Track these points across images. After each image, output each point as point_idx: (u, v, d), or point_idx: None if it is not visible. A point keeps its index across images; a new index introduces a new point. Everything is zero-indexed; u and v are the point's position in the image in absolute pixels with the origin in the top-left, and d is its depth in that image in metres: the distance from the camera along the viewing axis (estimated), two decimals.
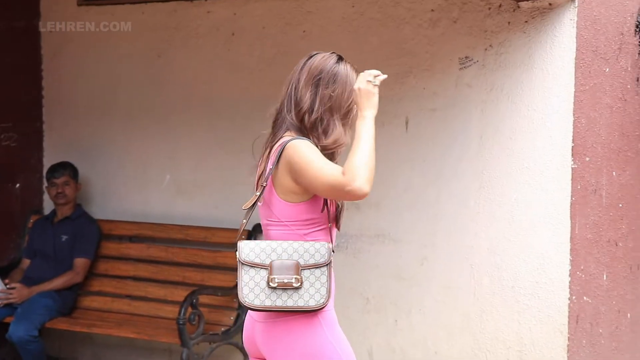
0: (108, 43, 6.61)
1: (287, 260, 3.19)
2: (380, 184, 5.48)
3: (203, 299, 5.73)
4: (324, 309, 3.26)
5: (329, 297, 3.23)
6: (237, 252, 3.28)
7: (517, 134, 5.08)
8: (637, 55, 5.34)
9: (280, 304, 3.18)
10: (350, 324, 5.64)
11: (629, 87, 5.28)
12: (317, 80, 3.39)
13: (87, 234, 6.39)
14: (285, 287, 3.17)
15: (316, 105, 3.32)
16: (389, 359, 5.60)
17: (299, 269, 3.18)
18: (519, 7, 5.00)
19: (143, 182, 6.54)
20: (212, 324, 5.81)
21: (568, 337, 4.96)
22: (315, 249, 3.21)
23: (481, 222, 5.21)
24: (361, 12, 5.58)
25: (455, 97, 5.27)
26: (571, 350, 4.95)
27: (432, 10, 5.32)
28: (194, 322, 5.57)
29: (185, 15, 6.26)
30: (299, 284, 3.17)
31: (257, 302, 3.19)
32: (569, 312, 4.95)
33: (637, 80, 5.36)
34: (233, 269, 5.80)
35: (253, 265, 3.24)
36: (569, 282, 4.91)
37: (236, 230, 5.80)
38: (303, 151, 3.19)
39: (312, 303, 3.20)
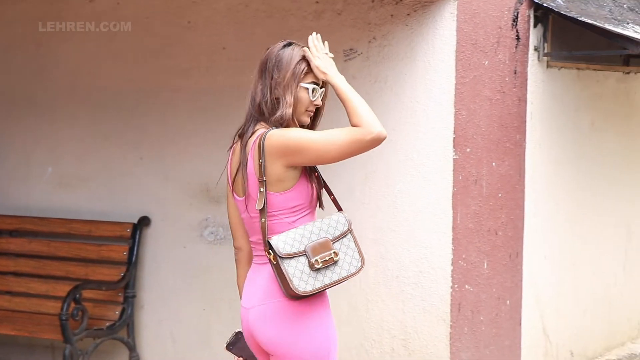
0: None
1: (317, 240, 3.27)
2: None
3: (87, 293, 5.67)
4: (321, 298, 3.34)
5: (363, 258, 3.34)
6: (270, 250, 3.26)
7: (400, 126, 5.13)
8: (514, 48, 5.42)
9: (329, 282, 3.28)
10: (237, 316, 5.29)
11: (507, 79, 5.36)
12: (264, 70, 3.44)
13: None
14: (327, 265, 3.25)
15: (267, 94, 3.37)
16: None
17: (330, 244, 3.28)
18: (401, 0, 5.04)
19: (24, 175, 6.41)
20: (97, 319, 5.77)
21: (450, 325, 5.04)
22: (336, 221, 3.32)
23: (366, 212, 5.24)
24: (246, 3, 5.56)
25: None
26: (453, 338, 5.04)
27: (317, 2, 5.33)
28: (77, 318, 5.49)
29: (67, 5, 6.13)
30: (337, 257, 3.27)
31: (309, 288, 3.25)
32: (451, 300, 5.03)
33: (515, 73, 5.44)
34: (118, 263, 5.90)
35: (292, 256, 3.26)
36: (451, 271, 5.00)
37: (120, 223, 5.88)
38: (292, 132, 3.28)
39: (352, 270, 3.32)
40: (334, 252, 3.28)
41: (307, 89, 3.36)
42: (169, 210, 5.92)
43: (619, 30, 5.56)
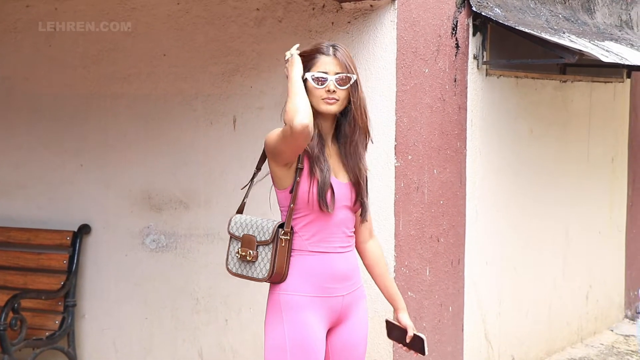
0: None
1: (251, 234, 3.40)
2: (210, 183, 5.53)
3: (26, 303, 5.57)
4: (287, 291, 3.37)
5: (271, 274, 3.34)
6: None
7: None
8: (454, 56, 5.43)
9: (245, 274, 3.41)
10: (180, 324, 5.67)
11: (447, 87, 5.37)
12: None
13: None
14: (244, 259, 3.39)
15: None
16: (219, 359, 5.55)
17: (254, 244, 3.37)
18: (341, 7, 5.01)
19: None
20: (36, 329, 5.67)
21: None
22: (267, 227, 3.37)
23: None
24: (187, 9, 5.51)
25: (281, 95, 5.07)
26: (397, 345, 5.01)
27: (258, 9, 5.29)
28: (15, 328, 5.38)
29: (2, 9, 6.02)
30: (251, 258, 3.37)
31: (233, 270, 3.46)
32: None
33: (455, 80, 5.45)
34: (58, 272, 5.83)
35: (233, 237, 3.47)
36: (394, 278, 4.96)
37: (60, 231, 5.81)
38: (269, 133, 3.38)
39: (259, 276, 3.37)
40: (251, 253, 3.37)
41: (308, 79, 3.35)
42: (110, 218, 5.85)
43: (555, 39, 5.61)
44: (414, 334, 3.62)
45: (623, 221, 7.74)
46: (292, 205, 3.34)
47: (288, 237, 3.33)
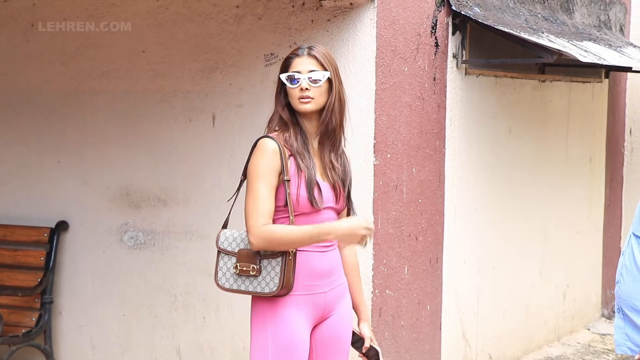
0: None
1: (250, 249, 3.32)
2: (189, 180, 5.48)
3: (2, 299, 5.55)
4: (268, 301, 3.34)
5: (281, 287, 3.27)
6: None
7: None
8: (433, 55, 5.41)
9: (244, 289, 3.32)
10: (158, 322, 5.62)
11: (426, 86, 5.35)
12: None
13: None
14: (245, 274, 3.30)
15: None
16: (197, 357, 5.52)
17: (257, 258, 3.29)
18: (321, 5, 4.98)
19: None
20: (12, 326, 5.61)
21: (371, 330, 4.98)
22: None
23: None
24: (166, 6, 5.45)
25: (261, 93, 5.19)
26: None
27: (237, 6, 5.25)
28: None
29: None
30: (255, 272, 3.28)
31: (227, 285, 3.36)
32: (372, 305, 4.96)
33: (434, 79, 5.43)
34: (34, 268, 5.78)
35: (225, 253, 3.39)
36: (372, 277, 4.95)
37: (37, 227, 5.77)
38: (252, 158, 3.40)
39: (266, 290, 3.29)
40: (254, 267, 3.28)
41: (284, 81, 3.40)
42: (88, 215, 5.79)
43: (534, 39, 5.60)
44: (371, 346, 3.63)
45: (600, 221, 7.74)
46: (291, 217, 3.32)
47: (294, 251, 3.29)
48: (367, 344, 3.62)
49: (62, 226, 5.80)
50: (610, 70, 7.28)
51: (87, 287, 5.81)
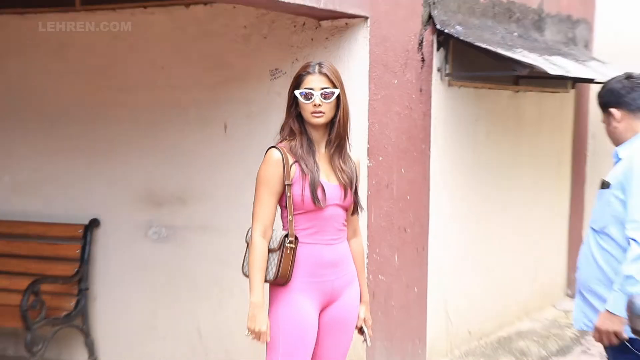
0: None
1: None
2: (205, 181, 5.41)
3: (45, 287, 5.40)
4: (280, 286, 3.30)
5: (275, 276, 3.26)
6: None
7: None
8: (420, 69, 5.30)
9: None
10: (180, 305, 5.55)
11: (414, 96, 5.25)
12: None
13: None
14: None
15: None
16: (215, 335, 5.39)
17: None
18: (320, 25, 4.87)
19: None
20: (54, 309, 5.50)
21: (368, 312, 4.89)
22: (276, 237, 3.30)
23: None
24: (182, 28, 5.35)
25: (267, 104, 5.06)
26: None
27: (245, 26, 5.13)
28: (36, 308, 5.23)
29: (16, 27, 5.82)
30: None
31: (246, 272, 3.34)
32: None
33: (421, 91, 5.32)
34: (71, 260, 5.63)
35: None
36: (367, 264, 4.79)
37: (73, 225, 5.61)
38: (260, 168, 3.36)
39: (267, 278, 3.28)
40: None
41: (299, 97, 3.32)
42: (117, 213, 5.66)
43: (509, 54, 5.50)
44: (362, 326, 3.56)
45: (566, 214, 7.63)
46: (290, 217, 3.29)
47: (293, 246, 3.27)
48: (358, 325, 3.54)
49: (94, 223, 5.69)
50: (576, 82, 7.13)
51: (118, 276, 5.68)
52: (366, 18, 4.72)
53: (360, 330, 3.55)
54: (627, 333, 3.15)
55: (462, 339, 5.93)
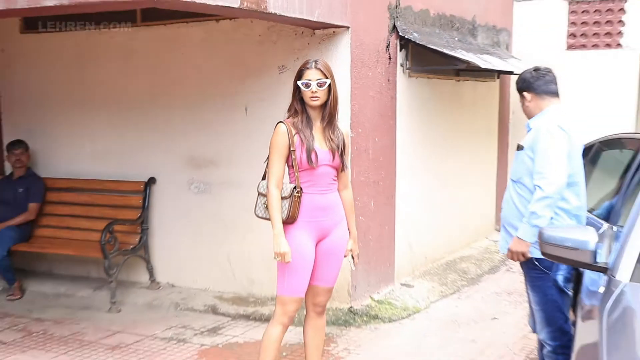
0: (45, 59, 6.00)
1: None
2: (231, 150, 5.34)
3: (117, 227, 5.40)
4: (288, 224, 3.26)
5: (287, 216, 3.24)
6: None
7: None
8: (387, 64, 5.21)
9: (268, 217, 3.30)
10: (214, 239, 5.51)
11: (383, 85, 5.18)
12: None
13: (36, 187, 5.85)
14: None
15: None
16: (240, 261, 5.36)
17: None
18: (314, 33, 4.81)
19: (72, 152, 6.00)
20: (124, 243, 5.50)
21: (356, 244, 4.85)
22: (286, 188, 3.26)
23: None
24: (213, 37, 5.26)
25: (276, 92, 4.99)
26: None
27: (259, 35, 5.05)
28: (111, 243, 5.25)
29: (96, 39, 5.72)
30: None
31: (258, 214, 3.37)
32: None
33: (388, 80, 5.24)
34: (136, 207, 5.58)
35: (261, 194, 3.36)
36: None
37: (136, 182, 5.57)
38: (272, 139, 3.30)
39: (283, 217, 3.25)
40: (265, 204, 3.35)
41: (300, 85, 3.28)
42: (168, 173, 5.59)
43: (452, 53, 5.44)
44: (350, 254, 3.52)
45: (495, 168, 7.58)
46: (296, 174, 3.25)
47: (299, 195, 3.24)
48: (347, 254, 3.50)
49: (152, 181, 5.63)
50: (500, 73, 7.06)
51: (169, 219, 5.62)
52: (348, 28, 4.67)
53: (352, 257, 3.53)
54: (533, 254, 3.17)
55: (420, 262, 5.92)
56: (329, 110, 3.29)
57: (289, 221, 3.23)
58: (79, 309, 5.27)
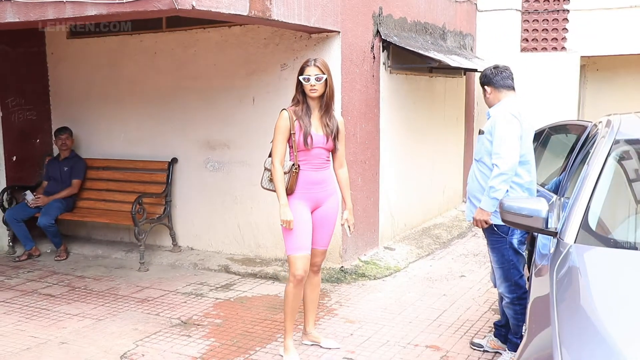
0: (87, 60, 5.89)
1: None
2: (241, 134, 5.26)
3: (145, 200, 5.35)
4: (289, 195, 3.25)
5: (286, 188, 3.22)
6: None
7: None
8: (372, 63, 5.14)
9: (272, 188, 3.30)
10: (226, 211, 5.48)
11: (368, 80, 5.12)
12: None
13: (79, 166, 5.79)
14: (272, 181, 3.28)
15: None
16: (249, 229, 5.32)
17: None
18: (311, 37, 4.74)
19: (108, 137, 5.92)
20: (151, 213, 5.45)
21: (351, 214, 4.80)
22: (287, 164, 3.23)
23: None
24: (226, 39, 5.17)
25: (278, 86, 4.94)
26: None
27: (265, 38, 4.98)
28: (140, 213, 5.23)
29: (128, 42, 5.63)
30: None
31: (264, 186, 3.33)
32: (340, 200, 4.73)
33: (373, 76, 5.18)
34: (161, 183, 5.50)
35: (266, 169, 3.33)
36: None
37: (162, 161, 5.51)
38: (276, 123, 3.26)
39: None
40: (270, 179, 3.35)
41: (301, 80, 3.24)
42: (187, 154, 5.52)
43: (426, 53, 5.38)
44: (346, 223, 3.47)
45: (462, 150, 7.53)
46: (295, 153, 3.22)
47: (297, 171, 3.22)
48: (342, 221, 3.48)
49: (174, 161, 5.56)
50: (466, 71, 6.97)
51: (189, 193, 5.57)
52: (339, 32, 4.61)
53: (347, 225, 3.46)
54: (493, 221, 3.18)
55: (400, 229, 5.90)
56: (325, 101, 3.26)
57: (287, 192, 3.24)
58: (114, 268, 5.26)
